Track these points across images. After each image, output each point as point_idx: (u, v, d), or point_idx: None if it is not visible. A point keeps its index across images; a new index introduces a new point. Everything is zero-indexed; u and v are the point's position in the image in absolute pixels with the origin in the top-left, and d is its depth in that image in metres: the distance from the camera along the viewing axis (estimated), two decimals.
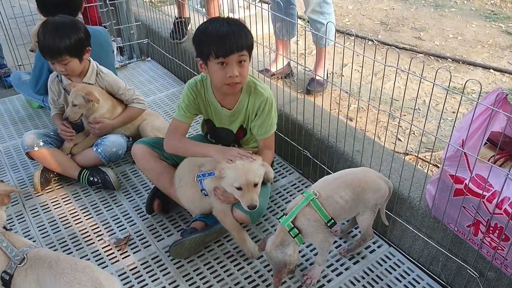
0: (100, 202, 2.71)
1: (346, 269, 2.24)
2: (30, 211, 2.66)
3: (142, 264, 2.31)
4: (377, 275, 2.20)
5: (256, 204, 2.05)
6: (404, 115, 3.25)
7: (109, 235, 2.48)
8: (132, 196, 2.74)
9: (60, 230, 2.52)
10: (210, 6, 3.68)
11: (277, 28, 3.51)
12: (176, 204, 2.56)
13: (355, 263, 2.27)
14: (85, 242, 2.44)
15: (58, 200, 2.74)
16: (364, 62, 2.15)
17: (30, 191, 2.80)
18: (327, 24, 3.08)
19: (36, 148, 2.71)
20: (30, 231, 2.52)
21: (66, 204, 2.70)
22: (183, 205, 2.43)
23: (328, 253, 2.14)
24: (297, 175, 2.86)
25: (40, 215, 2.63)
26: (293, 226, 1.98)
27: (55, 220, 2.59)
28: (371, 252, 2.33)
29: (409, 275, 2.21)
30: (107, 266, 2.29)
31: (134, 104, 2.88)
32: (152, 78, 4.14)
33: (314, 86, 3.38)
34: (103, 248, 2.40)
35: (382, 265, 2.26)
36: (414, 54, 4.19)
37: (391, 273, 2.22)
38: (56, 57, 2.60)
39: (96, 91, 2.71)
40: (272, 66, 3.61)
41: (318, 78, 3.38)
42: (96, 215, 2.62)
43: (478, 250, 1.92)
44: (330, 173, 2.45)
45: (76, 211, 2.65)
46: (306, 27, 2.95)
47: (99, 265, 2.28)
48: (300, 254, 2.31)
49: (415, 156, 2.82)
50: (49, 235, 2.49)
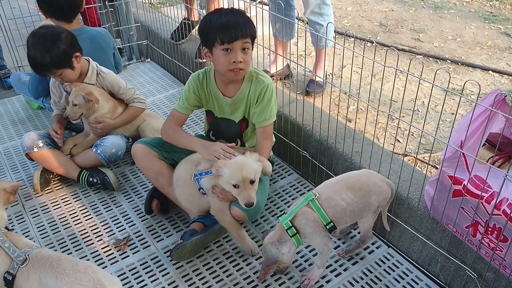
0: (100, 202, 2.72)
1: (345, 270, 2.24)
2: (30, 211, 2.67)
3: (141, 265, 2.31)
4: (376, 276, 2.21)
5: (253, 201, 2.06)
6: (403, 116, 3.25)
7: (108, 236, 2.48)
8: (131, 197, 2.75)
9: (60, 231, 2.52)
10: (211, 7, 3.68)
11: (276, 29, 3.52)
12: (175, 205, 2.56)
13: (354, 264, 2.27)
14: (84, 242, 2.45)
15: (58, 200, 2.74)
16: (363, 63, 2.16)
17: (30, 192, 2.80)
18: (326, 26, 3.09)
19: (36, 149, 2.71)
20: (29, 232, 2.52)
21: (65, 205, 2.71)
22: (181, 205, 2.43)
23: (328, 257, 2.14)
24: (296, 176, 2.86)
25: (39, 215, 2.64)
26: (291, 225, 1.99)
27: (55, 220, 2.59)
28: (370, 253, 2.33)
29: (407, 275, 2.21)
30: (106, 267, 2.30)
31: (135, 103, 2.88)
32: (151, 79, 4.15)
33: (313, 87, 3.38)
34: (102, 248, 2.41)
35: (381, 265, 2.26)
36: (413, 55, 4.20)
37: (390, 273, 2.22)
38: (44, 72, 2.63)
39: (96, 91, 2.71)
40: (272, 67, 3.61)
41: (317, 79, 3.39)
42: (96, 216, 2.62)
43: (477, 251, 1.92)
44: (329, 174, 2.46)
45: (76, 212, 2.65)
46: (306, 28, 2.95)
47: (98, 265, 2.28)
48: (299, 255, 2.32)
49: (414, 157, 2.82)
50: (48, 236, 2.49)
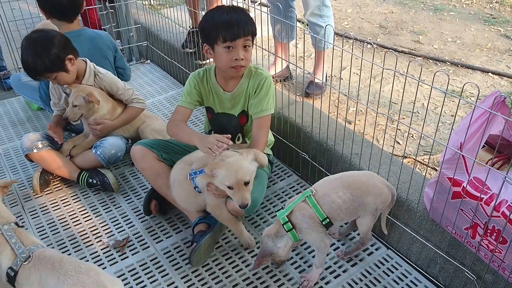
0: (99, 204, 2.72)
1: (344, 271, 2.25)
2: (29, 212, 2.67)
3: (140, 266, 2.31)
4: (375, 278, 2.21)
5: (248, 203, 2.07)
6: (403, 118, 3.26)
7: (107, 237, 2.48)
8: (130, 198, 2.75)
9: (59, 232, 2.52)
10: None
11: (276, 31, 3.52)
12: (173, 206, 2.57)
13: (353, 265, 2.27)
14: (84, 243, 2.45)
15: (57, 201, 2.74)
16: (363, 65, 2.16)
17: (29, 193, 2.81)
18: (326, 27, 3.09)
19: (35, 150, 2.71)
20: (29, 233, 2.51)
21: (65, 206, 2.71)
22: (179, 205, 2.44)
23: (326, 255, 2.15)
24: (295, 177, 2.87)
25: (39, 216, 2.64)
26: (287, 220, 2.02)
27: (54, 221, 2.60)
28: (369, 255, 2.33)
29: (406, 277, 2.21)
30: (105, 268, 2.29)
31: (134, 103, 2.89)
32: (151, 81, 4.15)
33: (313, 89, 3.39)
34: (101, 249, 2.41)
35: (380, 267, 2.26)
36: (412, 57, 4.20)
37: (389, 275, 2.22)
38: (38, 77, 2.63)
39: (96, 92, 2.71)
40: (271, 69, 3.62)
41: (317, 81, 3.39)
42: (95, 217, 2.62)
43: (476, 252, 1.92)
44: (329, 175, 2.46)
45: (75, 213, 2.65)
46: (305, 30, 2.96)
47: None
48: (298, 256, 2.32)
49: (413, 159, 2.82)
50: (48, 237, 2.49)
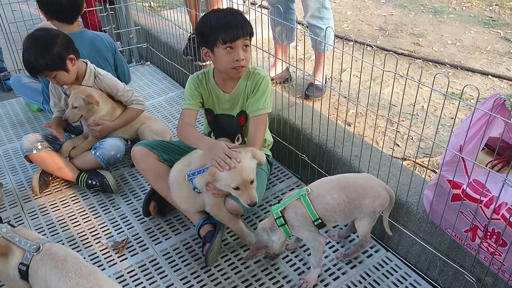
0: (98, 205, 2.72)
1: (343, 273, 2.24)
2: (29, 213, 2.66)
3: (139, 267, 2.31)
4: (374, 280, 2.21)
5: (256, 200, 2.10)
6: (403, 121, 3.26)
7: (107, 238, 2.48)
8: (130, 200, 2.74)
9: (58, 233, 2.52)
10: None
11: (276, 33, 3.52)
12: (173, 207, 2.57)
13: (352, 268, 2.27)
14: (83, 245, 2.44)
15: (57, 203, 2.74)
16: (362, 67, 2.16)
17: (29, 194, 2.80)
18: (326, 29, 3.09)
19: (35, 151, 2.71)
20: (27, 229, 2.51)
21: (64, 207, 2.70)
22: (180, 207, 2.44)
23: (322, 254, 2.15)
24: (295, 179, 2.86)
25: (38, 217, 2.63)
26: (280, 215, 2.04)
27: (53, 223, 2.59)
28: (368, 257, 2.33)
29: (406, 280, 2.21)
30: (104, 269, 2.29)
31: (133, 105, 2.89)
32: (151, 82, 4.15)
33: (312, 91, 3.39)
34: (100, 251, 2.41)
35: (379, 269, 2.26)
36: (412, 59, 4.20)
37: (388, 278, 2.22)
38: (38, 75, 2.64)
39: (95, 93, 2.72)
40: (271, 71, 3.62)
41: (317, 83, 3.39)
42: (94, 218, 2.62)
43: (476, 255, 1.92)
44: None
45: (74, 214, 2.65)
46: (305, 32, 2.96)
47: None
48: (297, 258, 2.32)
49: (413, 161, 2.82)
50: (46, 238, 2.48)
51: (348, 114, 3.33)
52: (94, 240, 2.48)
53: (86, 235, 2.51)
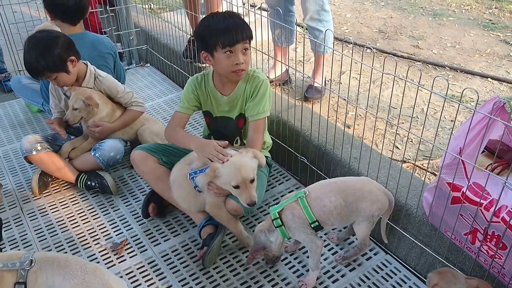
0: (97, 206, 2.71)
1: (342, 276, 2.24)
2: (28, 214, 2.66)
3: (138, 269, 2.30)
4: (373, 283, 2.20)
5: (255, 200, 2.10)
6: (402, 123, 3.26)
7: (106, 239, 2.48)
8: (129, 201, 2.74)
9: (57, 234, 2.52)
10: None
11: (276, 35, 3.53)
12: (172, 209, 2.56)
13: (351, 270, 2.27)
14: (82, 246, 2.44)
15: (56, 204, 2.74)
16: (362, 70, 2.16)
17: (28, 195, 2.80)
18: (325, 32, 3.10)
19: (35, 152, 2.71)
20: (27, 235, 2.51)
21: (63, 208, 2.70)
22: (181, 206, 2.44)
23: (320, 257, 2.15)
24: (294, 181, 2.86)
25: (37, 218, 2.63)
26: (278, 216, 2.05)
27: (53, 223, 2.59)
28: (367, 259, 2.32)
29: (405, 283, 2.20)
30: None
31: (133, 106, 2.89)
32: (150, 84, 4.15)
33: (312, 93, 3.39)
34: (99, 252, 2.40)
35: (378, 272, 2.26)
36: (412, 62, 4.21)
37: (387, 280, 2.21)
38: (38, 76, 2.64)
39: (95, 95, 2.72)
40: (271, 73, 3.62)
41: (316, 85, 3.39)
42: (93, 219, 2.62)
43: (475, 258, 1.91)
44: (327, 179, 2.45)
45: (73, 215, 2.65)
46: (305, 34, 2.96)
47: None
48: (296, 260, 2.32)
49: (412, 163, 2.82)
50: (46, 239, 2.48)
51: (347, 116, 3.33)
52: (93, 241, 2.47)
53: (85, 236, 2.51)
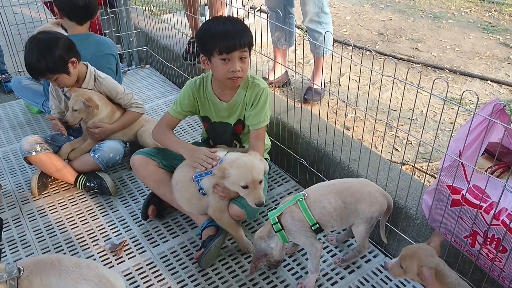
0: (96, 207, 2.71)
1: (341, 278, 2.24)
2: (27, 215, 2.66)
3: (136, 270, 2.30)
4: (372, 285, 2.20)
5: (264, 201, 2.10)
6: (402, 125, 3.26)
7: (104, 241, 2.48)
8: (128, 202, 2.74)
9: (56, 235, 2.52)
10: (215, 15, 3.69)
11: (275, 37, 3.53)
12: (171, 210, 2.56)
13: (350, 273, 2.27)
14: (80, 247, 2.44)
15: (55, 204, 2.73)
16: (361, 72, 2.16)
17: (27, 196, 2.80)
18: (325, 34, 3.10)
19: (34, 153, 2.71)
20: (26, 235, 2.51)
21: (62, 209, 2.70)
22: (182, 208, 2.43)
23: (320, 259, 2.15)
24: (293, 183, 2.86)
25: (36, 219, 2.63)
26: (277, 221, 2.03)
27: (51, 224, 2.59)
28: (366, 262, 2.32)
29: (405, 286, 2.20)
30: None
31: (133, 108, 2.89)
32: (150, 85, 4.16)
33: (311, 95, 3.39)
34: (98, 253, 2.40)
35: (377, 275, 2.25)
36: (411, 64, 4.21)
37: (386, 283, 2.21)
38: (39, 77, 2.65)
39: (95, 97, 2.72)
40: (270, 75, 3.62)
41: (316, 87, 3.39)
42: (92, 220, 2.61)
43: (475, 261, 1.91)
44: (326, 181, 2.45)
45: (72, 216, 2.65)
46: (304, 36, 2.96)
47: None
48: (295, 263, 2.31)
49: (412, 166, 2.82)
50: (44, 240, 2.48)
51: (346, 119, 3.33)
52: (92, 242, 2.47)
53: (84, 237, 2.50)
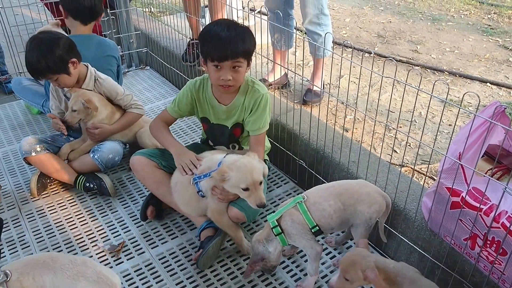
0: (96, 208, 2.71)
1: None
2: (26, 215, 2.66)
3: (135, 271, 2.30)
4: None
5: (264, 202, 2.09)
6: (401, 127, 3.26)
7: (103, 241, 2.47)
8: (127, 203, 2.74)
9: (55, 235, 2.51)
10: (216, 16, 3.69)
11: (275, 38, 3.53)
12: (170, 211, 2.55)
13: None
14: (79, 247, 2.44)
15: (54, 205, 2.73)
16: (361, 74, 2.16)
17: (27, 196, 2.80)
18: (324, 35, 3.10)
19: (34, 154, 2.71)
20: (25, 236, 2.51)
21: (61, 210, 2.70)
22: (181, 209, 2.43)
23: (319, 262, 2.14)
24: (292, 184, 2.86)
25: (35, 219, 2.63)
26: (277, 224, 2.02)
27: (50, 225, 2.59)
28: None
29: None
30: None
31: (132, 109, 2.89)
32: (150, 87, 4.16)
33: (310, 97, 3.39)
34: (97, 254, 2.40)
35: None
36: (410, 66, 4.21)
37: None
38: (40, 77, 2.65)
39: (95, 98, 2.72)
40: (270, 76, 3.62)
41: (315, 88, 3.39)
42: (91, 221, 2.61)
43: (475, 264, 1.91)
44: (325, 183, 2.45)
45: (72, 217, 2.64)
46: (304, 38, 2.96)
47: None
48: (294, 264, 2.31)
49: (411, 168, 2.82)
50: (43, 240, 2.48)
51: (346, 120, 3.33)
52: (91, 243, 2.47)
53: (82, 238, 2.50)
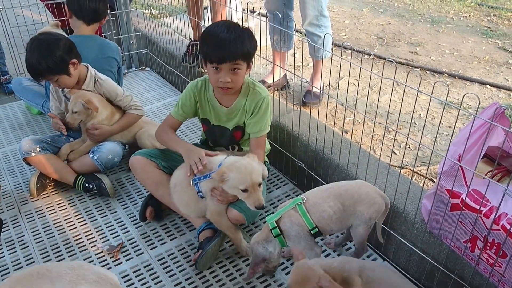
0: (95, 208, 2.71)
1: None
2: (25, 216, 2.65)
3: (134, 272, 2.30)
4: None
5: (263, 203, 2.08)
6: (400, 129, 3.26)
7: (102, 242, 2.47)
8: (126, 204, 2.73)
9: (54, 236, 2.51)
10: (217, 17, 3.69)
11: (274, 40, 3.53)
12: (169, 212, 2.55)
13: None
14: (78, 248, 2.43)
15: (53, 205, 2.73)
16: (360, 75, 2.16)
17: (26, 196, 2.80)
18: (324, 36, 3.10)
19: (33, 154, 2.71)
20: (24, 236, 2.51)
21: (61, 210, 2.70)
22: (180, 210, 2.43)
23: None
24: (291, 186, 2.86)
25: (35, 220, 2.63)
26: (276, 225, 2.02)
27: (50, 225, 2.58)
28: None
29: None
30: None
31: (132, 110, 2.89)
32: (150, 88, 4.16)
33: (310, 98, 3.39)
34: (96, 254, 2.40)
35: None
36: (410, 68, 4.21)
37: None
38: (40, 78, 2.66)
39: (95, 98, 2.72)
40: (269, 78, 3.62)
41: (314, 90, 3.39)
42: (90, 222, 2.61)
43: (475, 266, 1.90)
44: (325, 184, 2.45)
45: (71, 217, 2.64)
46: (304, 39, 2.96)
47: None
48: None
49: (410, 169, 2.82)
50: (42, 240, 2.48)
51: (345, 122, 3.33)
52: (90, 243, 2.46)
53: (81, 238, 2.50)
